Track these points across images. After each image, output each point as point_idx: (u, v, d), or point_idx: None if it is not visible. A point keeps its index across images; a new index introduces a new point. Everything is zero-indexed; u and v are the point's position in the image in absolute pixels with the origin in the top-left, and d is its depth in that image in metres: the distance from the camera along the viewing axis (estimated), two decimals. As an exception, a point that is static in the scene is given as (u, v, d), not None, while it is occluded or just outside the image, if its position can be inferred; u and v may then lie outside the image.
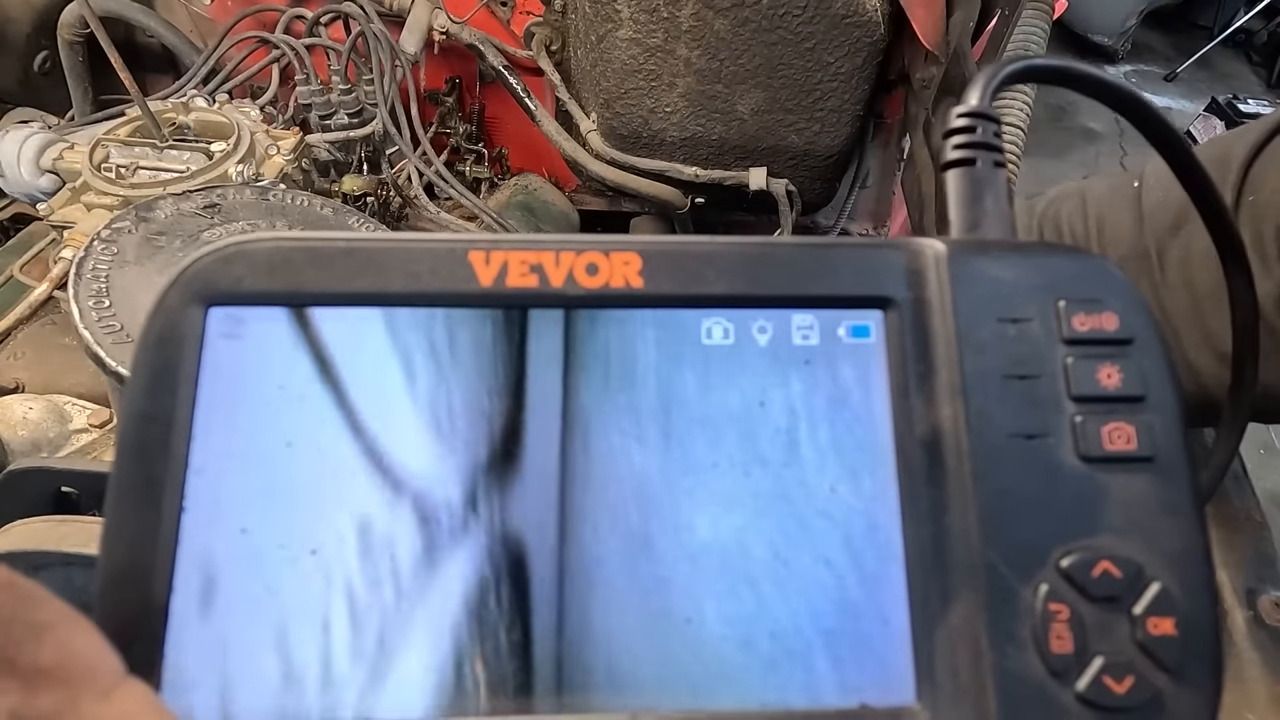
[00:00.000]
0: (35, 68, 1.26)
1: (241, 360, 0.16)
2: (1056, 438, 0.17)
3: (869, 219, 1.46)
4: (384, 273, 0.16)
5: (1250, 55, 4.22)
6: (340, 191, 1.10)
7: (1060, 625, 0.16)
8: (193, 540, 0.16)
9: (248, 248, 0.17)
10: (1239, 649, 0.59)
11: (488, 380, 0.17)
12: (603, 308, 0.17)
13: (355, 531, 0.16)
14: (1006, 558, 0.16)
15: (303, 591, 0.15)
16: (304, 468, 0.16)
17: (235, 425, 0.16)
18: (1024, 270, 0.17)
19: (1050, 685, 0.15)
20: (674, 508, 0.17)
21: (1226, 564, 0.63)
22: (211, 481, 0.16)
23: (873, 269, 0.18)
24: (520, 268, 0.17)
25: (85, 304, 0.54)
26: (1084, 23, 3.99)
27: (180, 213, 0.62)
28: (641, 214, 1.45)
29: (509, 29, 1.27)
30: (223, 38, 1.22)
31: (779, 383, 0.17)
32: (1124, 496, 0.17)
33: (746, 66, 1.13)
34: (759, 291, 0.17)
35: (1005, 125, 0.96)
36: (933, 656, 0.16)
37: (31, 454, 0.73)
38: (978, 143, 0.21)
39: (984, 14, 0.98)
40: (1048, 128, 3.60)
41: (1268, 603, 0.60)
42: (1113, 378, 0.17)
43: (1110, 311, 0.17)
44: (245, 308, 0.16)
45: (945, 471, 0.17)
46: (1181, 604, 0.16)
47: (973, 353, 0.17)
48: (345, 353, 0.16)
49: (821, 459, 0.17)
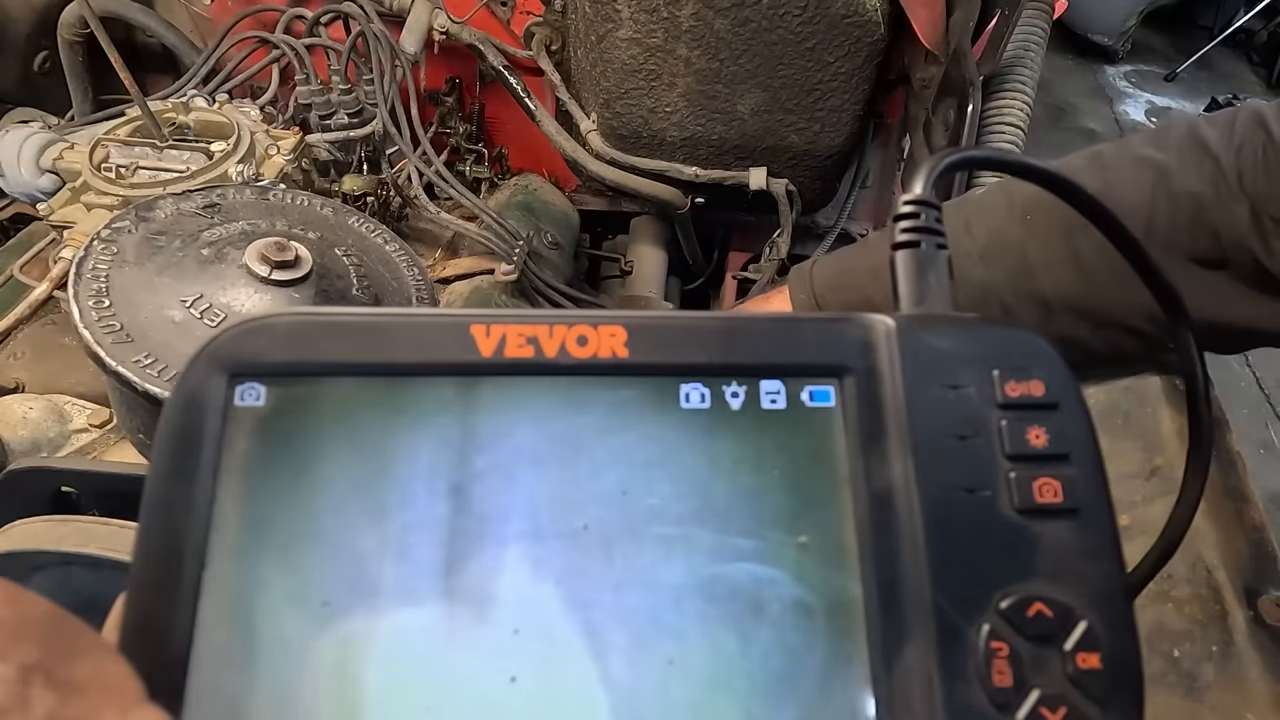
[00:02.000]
0: (35, 68, 1.26)
1: (262, 428, 0.18)
2: (994, 491, 0.19)
3: (869, 219, 1.46)
4: (395, 345, 0.19)
5: (1250, 55, 4.22)
6: (340, 191, 1.10)
7: (1001, 661, 0.18)
8: (212, 595, 0.17)
9: (269, 323, 0.18)
10: (1239, 649, 0.59)
11: (498, 441, 0.19)
12: (590, 376, 0.19)
13: (364, 585, 0.17)
14: (953, 600, 0.18)
15: (315, 641, 0.17)
16: (317, 523, 0.18)
17: (255, 487, 0.18)
18: (963, 342, 0.21)
19: (993, 716, 0.18)
20: (657, 553, 0.19)
21: (1226, 564, 0.63)
22: (231, 539, 0.17)
23: (832, 341, 0.20)
24: (518, 339, 0.19)
25: (85, 304, 0.54)
26: (1084, 23, 3.99)
27: (180, 213, 0.62)
28: (641, 214, 1.45)
29: (509, 29, 1.27)
30: (223, 38, 1.22)
31: (750, 443, 0.20)
32: (1053, 544, 0.19)
33: (746, 66, 1.13)
34: (731, 361, 0.20)
35: (1005, 125, 0.96)
36: (891, 691, 0.18)
37: (31, 454, 0.73)
38: (921, 227, 0.24)
39: (984, 14, 0.98)
40: (1048, 128, 3.60)
41: (1268, 603, 0.60)
42: (1040, 438, 0.20)
43: (1038, 379, 0.20)
44: (266, 379, 0.18)
45: (898, 522, 0.19)
46: (1105, 640, 0.18)
47: (920, 415, 0.20)
48: (359, 419, 0.18)
49: (789, 511, 0.19)
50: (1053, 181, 0.28)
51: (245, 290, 0.56)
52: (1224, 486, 0.68)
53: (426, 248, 1.21)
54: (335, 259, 0.62)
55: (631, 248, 1.44)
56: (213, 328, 0.55)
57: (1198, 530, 0.66)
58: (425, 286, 0.66)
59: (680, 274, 1.53)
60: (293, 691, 0.16)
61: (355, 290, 0.60)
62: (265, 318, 0.19)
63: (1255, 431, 2.40)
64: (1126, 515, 0.72)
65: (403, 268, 0.67)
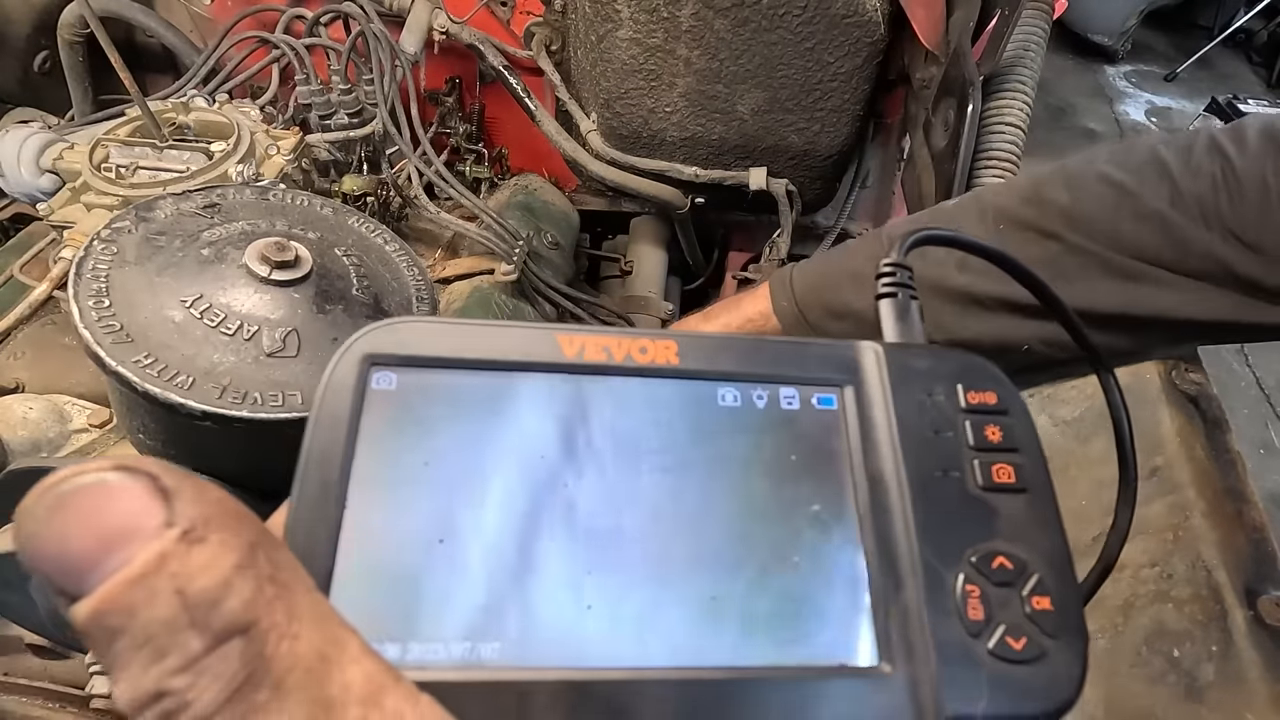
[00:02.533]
0: (35, 68, 1.26)
1: (392, 404, 0.23)
2: (962, 473, 0.25)
3: (869, 219, 1.46)
4: (498, 347, 0.25)
5: (1250, 55, 4.22)
6: (340, 191, 1.10)
7: (974, 600, 0.23)
8: (350, 529, 0.22)
9: (400, 325, 0.24)
10: (1239, 649, 0.59)
11: (569, 425, 0.24)
12: (649, 378, 0.25)
13: (478, 523, 0.23)
14: (934, 554, 0.24)
15: (431, 569, 0.22)
16: (435, 477, 0.23)
17: (385, 450, 0.23)
18: (935, 363, 0.27)
19: (970, 643, 0.23)
20: (700, 510, 0.24)
21: (1226, 564, 0.63)
22: (365, 492, 0.22)
23: (836, 360, 0.27)
24: (594, 346, 0.25)
25: (85, 304, 0.54)
26: (1084, 23, 3.99)
27: (180, 213, 0.62)
28: (641, 214, 1.45)
29: (509, 29, 1.27)
30: (223, 38, 1.22)
31: (772, 433, 0.26)
32: (1009, 513, 0.25)
33: (746, 66, 1.13)
34: (758, 371, 0.26)
35: (1005, 125, 0.96)
36: (889, 628, 0.23)
37: (31, 454, 0.73)
38: (898, 283, 0.31)
39: (984, 14, 0.98)
40: (1048, 128, 3.60)
41: (1268, 603, 0.60)
42: (996, 434, 0.26)
43: (992, 391, 0.27)
44: (396, 368, 0.24)
45: (889, 495, 0.25)
46: (1053, 588, 0.24)
47: (903, 416, 0.26)
48: (467, 401, 0.24)
49: (804, 487, 0.25)
50: (1000, 260, 0.35)
51: (245, 290, 0.56)
52: (1224, 486, 0.68)
53: (426, 248, 1.21)
54: (335, 259, 0.62)
55: (631, 248, 1.44)
56: (212, 328, 0.55)
57: (1198, 530, 0.66)
58: (425, 286, 0.66)
59: (680, 274, 1.53)
60: (410, 601, 0.21)
61: (355, 290, 0.60)
62: (397, 321, 0.24)
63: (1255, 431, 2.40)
64: (1126, 515, 0.72)
65: (403, 268, 0.67)
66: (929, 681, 0.22)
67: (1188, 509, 0.68)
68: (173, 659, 0.15)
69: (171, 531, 0.15)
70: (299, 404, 0.53)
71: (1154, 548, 0.68)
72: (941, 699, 0.22)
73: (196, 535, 0.15)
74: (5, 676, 0.68)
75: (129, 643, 0.15)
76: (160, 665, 0.15)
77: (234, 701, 0.15)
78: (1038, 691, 0.22)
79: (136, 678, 0.15)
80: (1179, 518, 0.68)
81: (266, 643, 0.15)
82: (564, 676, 0.21)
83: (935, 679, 0.22)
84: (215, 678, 0.15)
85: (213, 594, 0.15)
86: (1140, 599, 0.67)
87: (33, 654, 0.67)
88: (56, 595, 0.15)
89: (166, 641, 0.15)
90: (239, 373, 0.53)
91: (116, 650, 0.15)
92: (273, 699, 0.15)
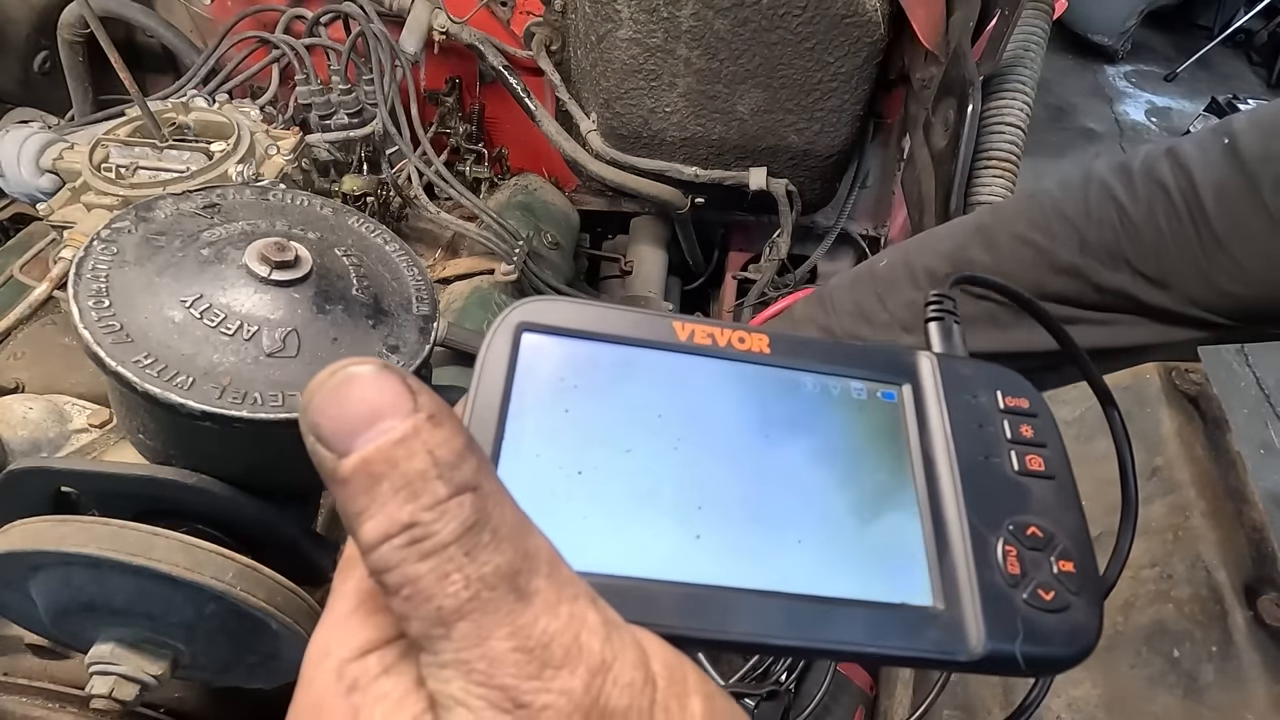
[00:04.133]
0: (35, 68, 1.26)
1: (539, 362, 0.28)
2: (1002, 460, 0.30)
3: (869, 219, 1.46)
4: (625, 326, 0.30)
5: (1250, 55, 4.22)
6: (340, 191, 1.10)
7: (1012, 559, 0.28)
8: (507, 459, 0.26)
9: (545, 301, 0.29)
10: (1239, 649, 0.59)
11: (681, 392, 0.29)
12: (744, 363, 0.31)
13: (610, 460, 0.27)
14: (981, 522, 0.29)
15: (573, 494, 0.26)
16: (574, 422, 0.28)
17: (533, 398, 0.28)
18: (978, 372, 0.32)
19: (1009, 592, 0.27)
20: (789, 477, 0.29)
21: (1226, 564, 0.63)
22: (519, 426, 0.27)
23: (898, 361, 0.32)
24: (702, 333, 0.30)
25: (85, 304, 0.53)
26: (1084, 23, 3.99)
27: (180, 213, 0.62)
28: (641, 214, 1.45)
29: (509, 29, 1.27)
30: (223, 38, 1.22)
31: (844, 416, 0.31)
32: (1040, 495, 0.30)
33: (746, 66, 1.13)
34: (834, 368, 0.31)
35: (1005, 125, 0.96)
36: (943, 577, 0.28)
37: (31, 454, 0.73)
38: (944, 310, 0.37)
39: (984, 14, 0.98)
40: (1048, 128, 3.60)
41: (1268, 603, 0.60)
42: (1028, 431, 0.31)
43: (1025, 398, 0.32)
44: (543, 334, 0.29)
45: (939, 475, 0.30)
46: (1075, 555, 0.28)
47: (953, 412, 0.31)
48: (598, 366, 0.29)
49: (870, 458, 0.30)
50: (1024, 303, 0.42)
51: (245, 290, 0.56)
52: (1224, 486, 0.68)
53: (426, 248, 1.21)
54: (335, 259, 0.62)
55: (631, 248, 1.44)
56: (212, 328, 0.55)
57: (1198, 530, 0.66)
58: (425, 287, 0.66)
59: (680, 274, 1.53)
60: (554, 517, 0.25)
61: (355, 290, 0.60)
62: (543, 299, 0.30)
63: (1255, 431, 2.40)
64: (1126, 515, 0.72)
65: (403, 268, 0.67)
66: (975, 619, 0.27)
67: (1188, 509, 0.68)
68: (425, 498, 0.20)
69: (421, 413, 0.20)
70: (299, 404, 0.53)
71: (1154, 548, 0.68)
72: (983, 633, 0.26)
73: (438, 419, 0.20)
74: (5, 676, 0.68)
75: (390, 486, 0.20)
76: (416, 503, 0.19)
77: (465, 538, 0.20)
78: (1064, 636, 0.27)
79: (393, 513, 0.19)
80: (1179, 518, 0.68)
81: (488, 501, 0.20)
82: (676, 588, 0.26)
83: (980, 617, 0.27)
84: (453, 517, 0.20)
85: (453, 458, 0.20)
86: (1140, 599, 0.67)
87: (33, 654, 0.67)
88: (324, 452, 0.20)
89: (420, 486, 0.20)
90: (239, 373, 0.53)
91: (377, 492, 0.20)
92: (491, 541, 0.20)
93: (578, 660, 0.20)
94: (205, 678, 0.66)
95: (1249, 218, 0.57)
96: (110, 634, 0.58)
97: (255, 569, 0.56)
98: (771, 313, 1.17)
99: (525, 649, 0.20)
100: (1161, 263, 0.59)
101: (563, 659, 0.20)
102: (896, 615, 0.27)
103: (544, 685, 0.20)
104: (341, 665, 0.22)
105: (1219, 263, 0.58)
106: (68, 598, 0.57)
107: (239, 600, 0.55)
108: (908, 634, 0.26)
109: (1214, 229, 0.58)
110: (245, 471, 0.59)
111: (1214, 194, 0.58)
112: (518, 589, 0.20)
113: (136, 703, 0.58)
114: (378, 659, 0.22)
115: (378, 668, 0.21)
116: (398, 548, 0.20)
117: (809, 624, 0.26)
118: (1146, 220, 0.60)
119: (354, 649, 0.22)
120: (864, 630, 0.26)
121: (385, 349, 0.58)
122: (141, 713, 0.66)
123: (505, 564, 0.20)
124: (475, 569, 0.20)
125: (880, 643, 0.26)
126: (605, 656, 0.20)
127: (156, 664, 0.58)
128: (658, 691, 0.21)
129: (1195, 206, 0.59)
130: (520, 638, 0.20)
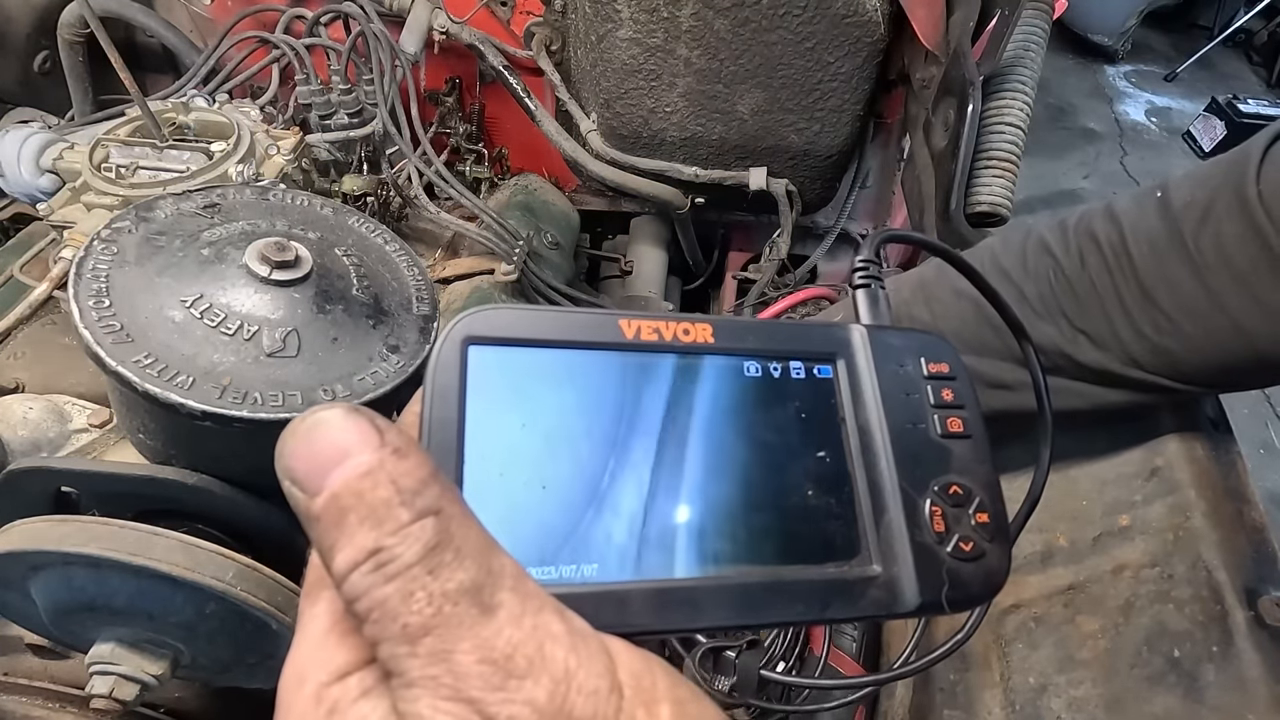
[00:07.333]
0: (35, 68, 1.26)
1: (488, 377, 0.28)
2: (927, 424, 0.33)
3: (869, 219, 1.46)
4: (570, 329, 0.30)
5: (1250, 55, 4.22)
6: (340, 191, 1.10)
7: (938, 518, 0.31)
8: (470, 481, 0.27)
9: (489, 311, 0.29)
10: (1239, 649, 0.59)
11: (632, 391, 0.30)
12: (691, 354, 0.32)
13: (570, 470, 0.28)
14: (910, 485, 0.31)
15: (538, 508, 0.27)
16: (531, 435, 0.28)
17: (488, 415, 0.28)
18: (904, 340, 0.34)
19: (935, 548, 0.31)
20: (735, 459, 0.30)
21: (1226, 564, 0.63)
22: (478, 447, 0.27)
23: (830, 338, 0.34)
24: (648, 329, 0.31)
25: (85, 304, 0.53)
26: (1084, 23, 3.99)
27: (180, 213, 0.62)
28: (641, 214, 1.45)
29: (509, 29, 1.27)
30: (223, 38, 1.22)
31: (784, 395, 0.32)
32: (960, 454, 0.33)
33: (746, 66, 1.13)
34: (772, 349, 0.33)
35: (1005, 125, 0.96)
36: (879, 540, 0.31)
37: (31, 454, 0.73)
38: (871, 275, 0.38)
39: (984, 14, 0.98)
40: (1048, 128, 3.60)
41: (1268, 603, 0.60)
42: (949, 395, 0.34)
43: (945, 362, 0.34)
44: (490, 346, 0.29)
45: (874, 442, 0.32)
46: (989, 507, 0.32)
47: (883, 382, 0.33)
48: (547, 370, 0.29)
49: (811, 436, 0.32)
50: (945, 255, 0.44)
51: (245, 290, 0.56)
52: (1224, 486, 0.68)
53: (426, 248, 1.21)
54: (335, 259, 0.62)
55: (631, 248, 1.44)
56: (212, 328, 0.55)
57: (1198, 530, 0.66)
58: (425, 287, 0.66)
59: (680, 274, 1.53)
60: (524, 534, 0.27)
61: (355, 290, 0.60)
62: (487, 308, 0.29)
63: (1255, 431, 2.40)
64: (1126, 515, 0.72)
65: (403, 268, 0.67)
66: (909, 578, 0.30)
67: (1188, 509, 0.68)
68: (389, 525, 0.21)
69: (386, 448, 0.21)
70: (299, 404, 0.53)
71: (1154, 548, 0.68)
72: (916, 589, 0.30)
73: (402, 452, 0.21)
74: (5, 676, 0.68)
75: (356, 517, 0.21)
76: (380, 529, 0.20)
77: (427, 558, 0.20)
78: (981, 579, 0.31)
79: (360, 541, 0.21)
80: (1179, 518, 0.68)
81: (451, 523, 0.21)
82: (643, 587, 0.27)
83: (913, 575, 0.30)
84: (416, 540, 0.20)
85: (416, 486, 0.21)
86: (1140, 599, 0.67)
87: (33, 654, 0.67)
88: (298, 493, 0.21)
89: (384, 514, 0.21)
90: (239, 373, 0.53)
91: (345, 523, 0.21)
92: (455, 559, 0.21)
93: (541, 670, 0.21)
94: (205, 678, 0.66)
95: (1174, 267, 0.58)
96: (110, 634, 0.58)
97: (255, 569, 0.56)
98: (772, 313, 1.17)
99: (490, 660, 0.20)
100: (1095, 317, 0.60)
101: (526, 669, 0.20)
102: (844, 584, 0.29)
103: (508, 696, 0.20)
104: (320, 689, 0.22)
105: (1149, 315, 0.59)
106: (68, 598, 0.57)
107: (239, 600, 0.55)
108: (854, 599, 0.29)
109: (1141, 280, 0.59)
110: (245, 471, 0.59)
111: (1144, 245, 0.59)
112: (481, 603, 0.21)
113: (136, 703, 0.58)
114: (357, 681, 0.22)
115: (357, 690, 0.22)
116: (365, 573, 0.20)
117: (767, 603, 0.28)
118: (1079, 273, 0.61)
119: (331, 672, 0.22)
120: (818, 602, 0.29)
121: (385, 349, 0.58)
122: (141, 713, 0.67)
123: (469, 580, 0.21)
124: (439, 585, 0.20)
125: (831, 611, 0.29)
126: (569, 665, 0.21)
127: (156, 664, 0.58)
128: (624, 700, 0.21)
129: (1124, 257, 0.60)
130: (484, 650, 0.20)
